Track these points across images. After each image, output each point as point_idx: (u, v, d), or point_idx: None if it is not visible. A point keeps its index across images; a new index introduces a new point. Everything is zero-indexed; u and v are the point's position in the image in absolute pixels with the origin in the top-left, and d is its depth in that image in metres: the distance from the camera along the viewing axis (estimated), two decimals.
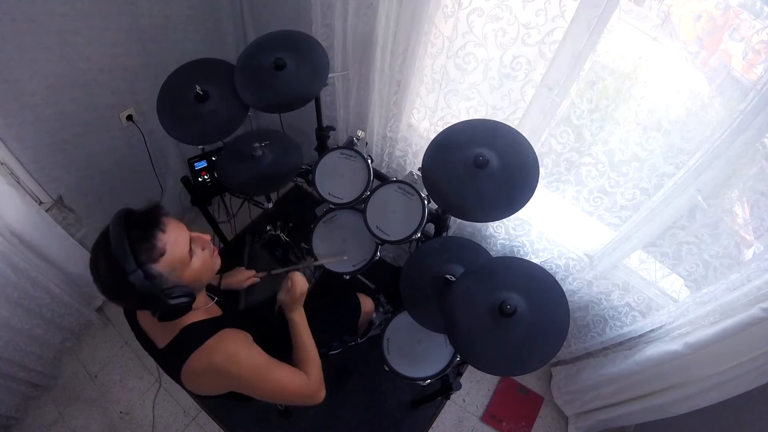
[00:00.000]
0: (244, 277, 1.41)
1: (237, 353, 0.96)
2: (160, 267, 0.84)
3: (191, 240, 0.91)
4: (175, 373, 0.95)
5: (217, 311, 1.06)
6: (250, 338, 1.02)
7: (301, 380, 1.08)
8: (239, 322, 1.06)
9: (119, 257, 0.79)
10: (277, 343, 1.38)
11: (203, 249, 0.95)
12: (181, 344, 0.94)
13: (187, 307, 0.90)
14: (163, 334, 0.97)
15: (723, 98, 1.14)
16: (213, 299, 1.07)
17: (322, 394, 1.12)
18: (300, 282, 1.20)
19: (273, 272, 1.35)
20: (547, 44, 1.24)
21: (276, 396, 1.08)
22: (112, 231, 0.81)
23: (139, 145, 1.92)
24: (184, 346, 0.94)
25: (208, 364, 0.93)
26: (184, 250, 0.88)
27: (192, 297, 0.90)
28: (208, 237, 0.97)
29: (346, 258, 1.58)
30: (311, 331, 1.24)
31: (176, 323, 0.95)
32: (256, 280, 1.43)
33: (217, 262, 1.00)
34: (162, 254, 0.84)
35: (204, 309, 1.01)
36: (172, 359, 0.96)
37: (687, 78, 1.15)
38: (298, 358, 1.15)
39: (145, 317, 1.02)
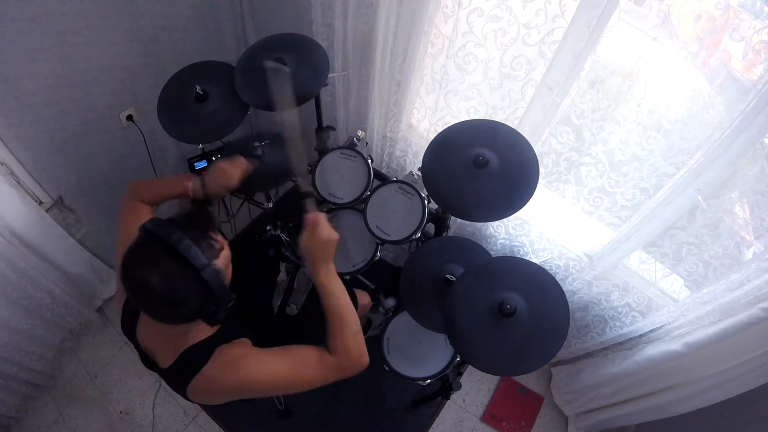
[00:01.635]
0: (231, 171, 1.19)
1: (245, 368, 0.90)
2: (219, 263, 0.83)
3: None
4: (180, 391, 0.94)
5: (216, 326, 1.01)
6: (249, 343, 0.97)
7: (328, 362, 0.94)
8: (235, 330, 1.00)
9: (189, 256, 0.76)
10: (279, 343, 1.37)
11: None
12: (183, 367, 0.91)
13: (231, 309, 0.88)
14: (165, 353, 0.93)
15: (723, 98, 1.14)
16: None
17: (364, 360, 0.97)
18: (325, 225, 0.98)
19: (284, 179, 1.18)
20: (547, 44, 1.24)
21: (310, 385, 0.95)
22: (167, 234, 0.77)
23: (139, 145, 1.92)
24: (187, 369, 0.90)
25: (217, 383, 0.90)
26: (227, 248, 0.88)
27: (235, 298, 0.88)
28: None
29: (349, 247, 1.55)
30: (309, 328, 1.19)
31: (178, 344, 0.91)
32: (248, 168, 1.22)
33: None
34: (222, 249, 0.84)
35: (203, 326, 0.94)
36: (175, 380, 0.94)
37: (687, 78, 1.15)
38: (331, 322, 0.97)
39: (146, 335, 0.97)
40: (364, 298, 1.67)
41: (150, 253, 0.78)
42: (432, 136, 1.36)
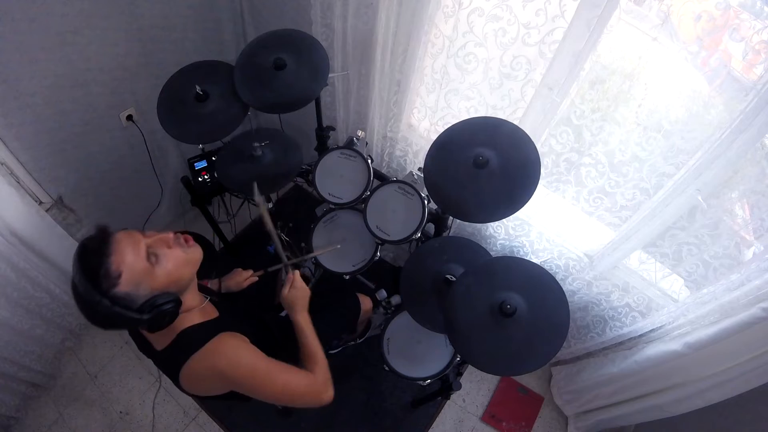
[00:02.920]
0: (242, 278, 1.40)
1: (238, 357, 0.95)
2: (123, 288, 0.81)
3: (148, 247, 0.86)
4: (173, 376, 0.95)
5: (213, 312, 1.05)
6: (248, 341, 1.01)
7: (306, 380, 1.05)
8: (237, 324, 1.05)
9: (83, 293, 0.79)
10: (277, 343, 1.38)
11: (170, 248, 0.90)
12: (178, 348, 0.94)
13: (174, 312, 0.89)
14: (160, 337, 0.96)
15: (723, 98, 1.14)
16: (207, 298, 1.06)
17: (330, 393, 1.08)
18: (300, 282, 1.20)
19: (269, 270, 1.35)
20: (547, 44, 1.24)
21: (280, 398, 1.06)
22: (73, 268, 0.81)
23: (139, 145, 1.92)
24: (182, 350, 0.93)
25: (209, 368, 0.92)
26: (140, 262, 0.84)
27: (176, 300, 0.88)
28: (169, 235, 0.92)
29: (339, 246, 1.56)
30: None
31: (173, 327, 0.94)
32: (255, 279, 1.43)
33: (196, 252, 0.95)
34: (119, 275, 0.81)
35: (200, 310, 1.00)
36: (170, 362, 0.95)
37: (687, 78, 1.15)
38: (304, 357, 1.13)
39: None
40: (366, 302, 1.68)
41: (72, 281, 0.83)
42: (432, 136, 1.36)
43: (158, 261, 0.86)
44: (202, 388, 1.00)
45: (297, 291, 1.18)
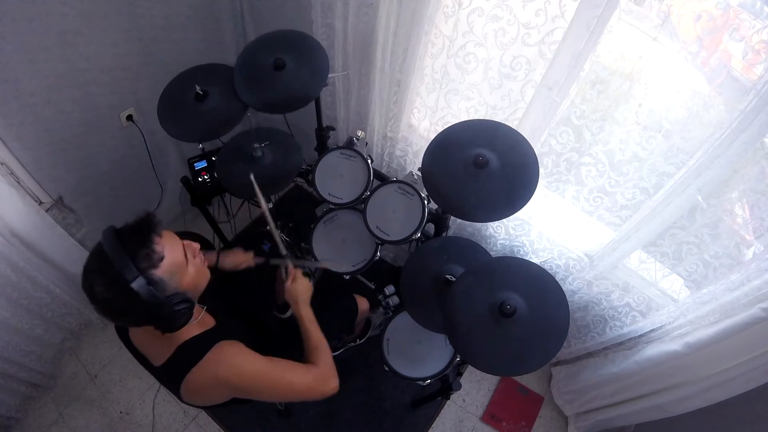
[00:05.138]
0: (241, 259, 1.38)
1: (240, 364, 0.95)
2: (160, 272, 0.83)
3: (184, 247, 0.91)
4: (174, 389, 0.94)
5: (210, 322, 1.05)
6: (245, 346, 1.01)
7: (310, 375, 1.06)
8: (233, 328, 1.05)
9: (119, 267, 0.78)
10: (275, 344, 1.38)
11: (194, 257, 0.94)
12: (178, 361, 0.93)
13: (188, 315, 0.90)
14: (158, 351, 0.95)
15: (723, 98, 1.14)
16: (203, 308, 1.06)
17: (334, 383, 1.09)
18: (301, 277, 1.23)
19: (272, 262, 1.34)
20: (547, 44, 1.24)
21: (286, 396, 1.07)
22: (106, 244, 0.81)
23: (139, 145, 1.92)
24: (182, 363, 0.92)
25: (211, 378, 0.92)
26: (180, 255, 0.88)
27: (192, 304, 0.90)
28: (197, 245, 0.96)
29: (341, 262, 1.58)
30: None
31: (172, 340, 0.94)
32: (252, 263, 1.41)
33: (207, 272, 0.99)
34: (161, 258, 0.83)
35: (198, 322, 1.00)
36: (170, 376, 0.95)
37: (687, 78, 1.15)
38: (308, 349, 1.15)
39: (138, 335, 1.00)
40: (363, 303, 1.68)
41: (96, 263, 0.82)
42: (432, 136, 1.36)
43: (189, 262, 0.91)
44: (203, 399, 1.00)
45: (299, 285, 1.22)
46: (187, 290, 0.90)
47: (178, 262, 0.87)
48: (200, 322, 1.01)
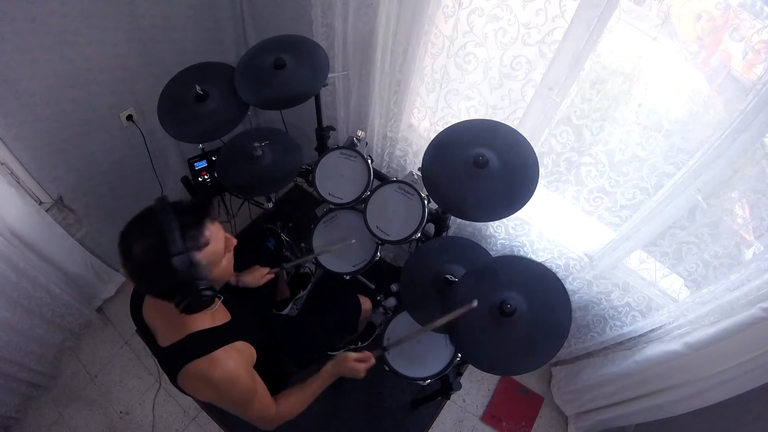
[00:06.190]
0: (260, 274, 1.40)
1: (238, 375, 0.96)
2: (201, 256, 0.85)
3: (226, 240, 0.93)
4: (171, 371, 0.95)
5: (224, 316, 1.06)
6: (254, 356, 1.04)
7: (267, 412, 1.09)
8: (247, 326, 1.06)
9: (168, 237, 0.79)
10: (279, 343, 1.38)
11: (229, 251, 0.96)
12: (184, 349, 0.94)
13: (210, 302, 0.90)
14: (168, 333, 0.96)
15: (723, 98, 1.14)
16: (219, 298, 1.07)
17: (273, 426, 1.14)
18: (364, 365, 1.22)
19: (286, 266, 1.34)
20: (547, 44, 1.24)
21: (239, 414, 1.07)
22: (161, 212, 0.82)
23: (139, 145, 1.92)
24: (188, 352, 0.93)
25: (206, 375, 0.93)
26: (221, 246, 0.91)
27: (215, 293, 0.91)
28: (235, 241, 0.98)
29: (354, 241, 1.50)
30: (313, 328, 1.21)
31: (185, 326, 0.95)
32: (272, 276, 1.42)
33: (233, 269, 1.01)
34: (206, 244, 0.85)
35: (211, 314, 1.00)
36: (172, 360, 0.95)
37: (687, 78, 1.15)
38: (297, 386, 1.19)
39: (151, 311, 1.01)
40: (366, 303, 1.68)
41: (142, 225, 0.83)
42: (432, 136, 1.36)
43: (225, 255, 0.93)
44: (192, 389, 1.00)
45: (356, 368, 1.20)
46: (215, 280, 0.91)
47: (218, 252, 0.89)
48: (213, 314, 1.01)
